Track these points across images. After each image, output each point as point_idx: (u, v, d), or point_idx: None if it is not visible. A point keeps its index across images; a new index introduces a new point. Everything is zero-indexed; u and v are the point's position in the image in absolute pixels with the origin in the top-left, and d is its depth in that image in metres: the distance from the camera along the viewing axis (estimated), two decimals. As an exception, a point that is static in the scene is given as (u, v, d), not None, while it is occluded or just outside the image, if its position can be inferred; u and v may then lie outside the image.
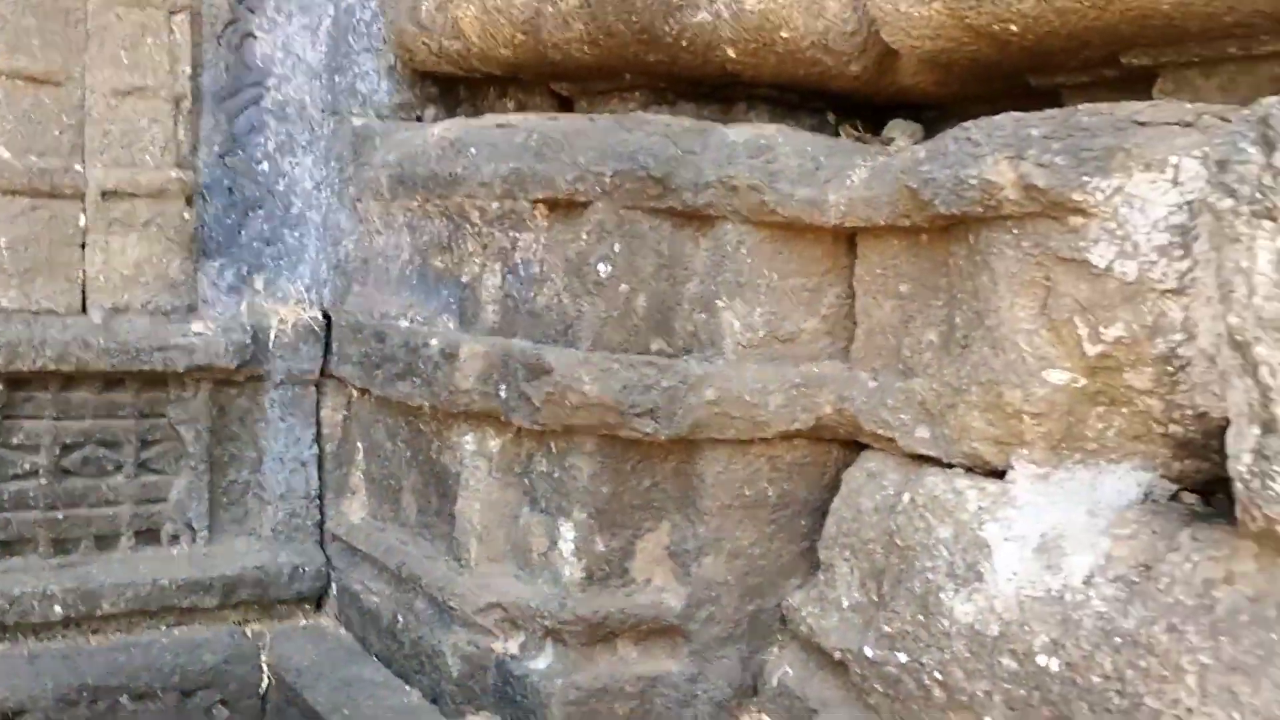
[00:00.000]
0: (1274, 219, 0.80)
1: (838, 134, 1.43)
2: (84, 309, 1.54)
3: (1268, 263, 0.81)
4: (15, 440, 1.50)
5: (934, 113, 1.47)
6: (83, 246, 1.53)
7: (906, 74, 1.34)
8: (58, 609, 1.49)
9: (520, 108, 1.59)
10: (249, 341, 1.60)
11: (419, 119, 1.69)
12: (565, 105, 1.57)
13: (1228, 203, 0.83)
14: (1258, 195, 0.80)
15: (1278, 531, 0.82)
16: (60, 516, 1.54)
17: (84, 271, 1.53)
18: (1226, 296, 0.85)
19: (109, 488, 1.55)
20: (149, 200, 1.56)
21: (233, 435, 1.65)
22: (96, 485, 1.55)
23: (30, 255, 1.50)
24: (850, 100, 1.45)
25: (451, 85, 1.68)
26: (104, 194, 1.53)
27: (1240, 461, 0.85)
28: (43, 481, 1.53)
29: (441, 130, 1.48)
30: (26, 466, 1.52)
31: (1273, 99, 0.82)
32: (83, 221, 1.52)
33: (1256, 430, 0.83)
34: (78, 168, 1.51)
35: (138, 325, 1.53)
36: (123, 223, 1.54)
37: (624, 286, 1.28)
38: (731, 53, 1.33)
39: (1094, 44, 1.08)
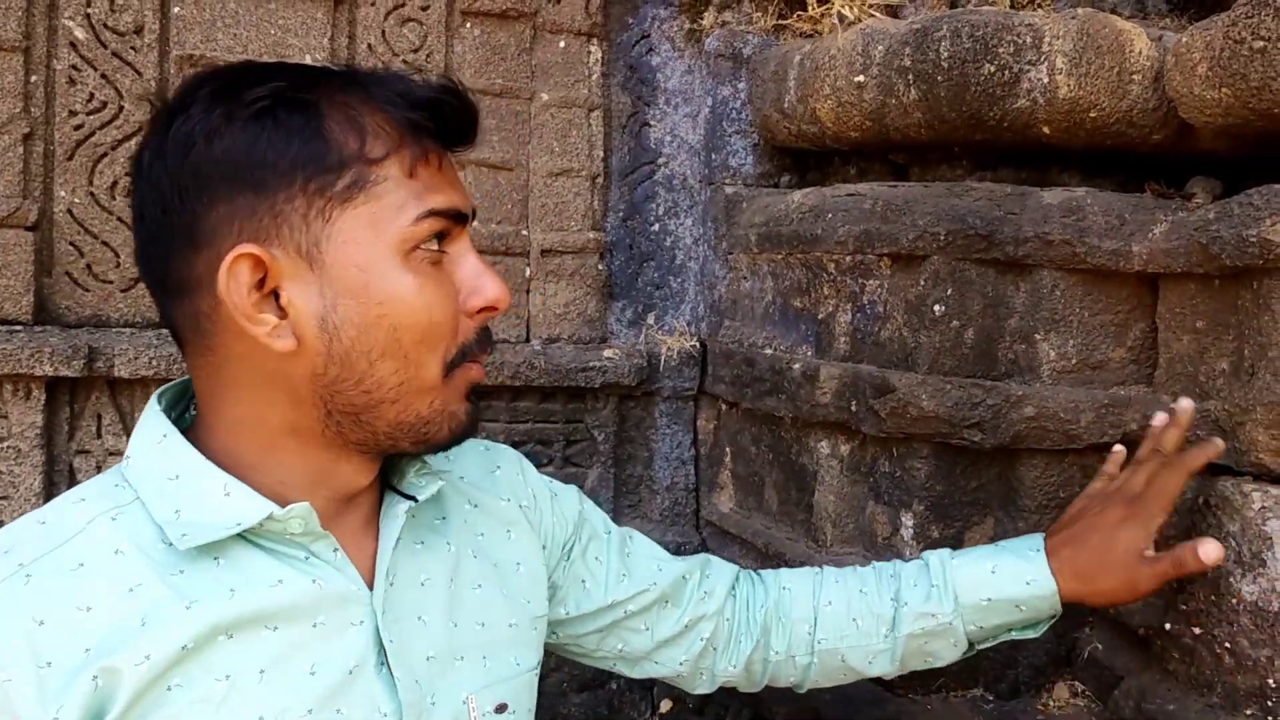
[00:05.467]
0: None
1: (1142, 189, 1.65)
2: (528, 339, 2.01)
3: None
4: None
5: (1232, 167, 1.62)
6: (527, 292, 2.01)
7: (1203, 141, 1.52)
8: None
9: (861, 174, 1.90)
10: (645, 364, 2.00)
11: (775, 185, 2.04)
12: (899, 171, 1.86)
13: None
14: None
15: None
16: (508, 497, 2.00)
17: (528, 311, 2.01)
18: None
19: (543, 477, 2.01)
20: (573, 256, 2.01)
21: (631, 439, 2.06)
22: (534, 474, 2.00)
23: (491, 300, 1.98)
24: (1153, 160, 1.65)
25: (803, 157, 2.01)
26: (543, 252, 1.99)
27: None
28: (498, 470, 1.98)
29: (801, 197, 1.83)
30: (486, 458, 1.98)
31: None
32: (528, 273, 2.00)
33: None
34: (524, 232, 1.99)
35: (566, 351, 1.98)
36: (555, 274, 2.00)
37: (955, 323, 1.57)
38: (1046, 130, 1.58)
39: (1366, 122, 1.27)
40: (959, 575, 1.25)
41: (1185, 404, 1.30)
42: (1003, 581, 1.23)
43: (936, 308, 1.56)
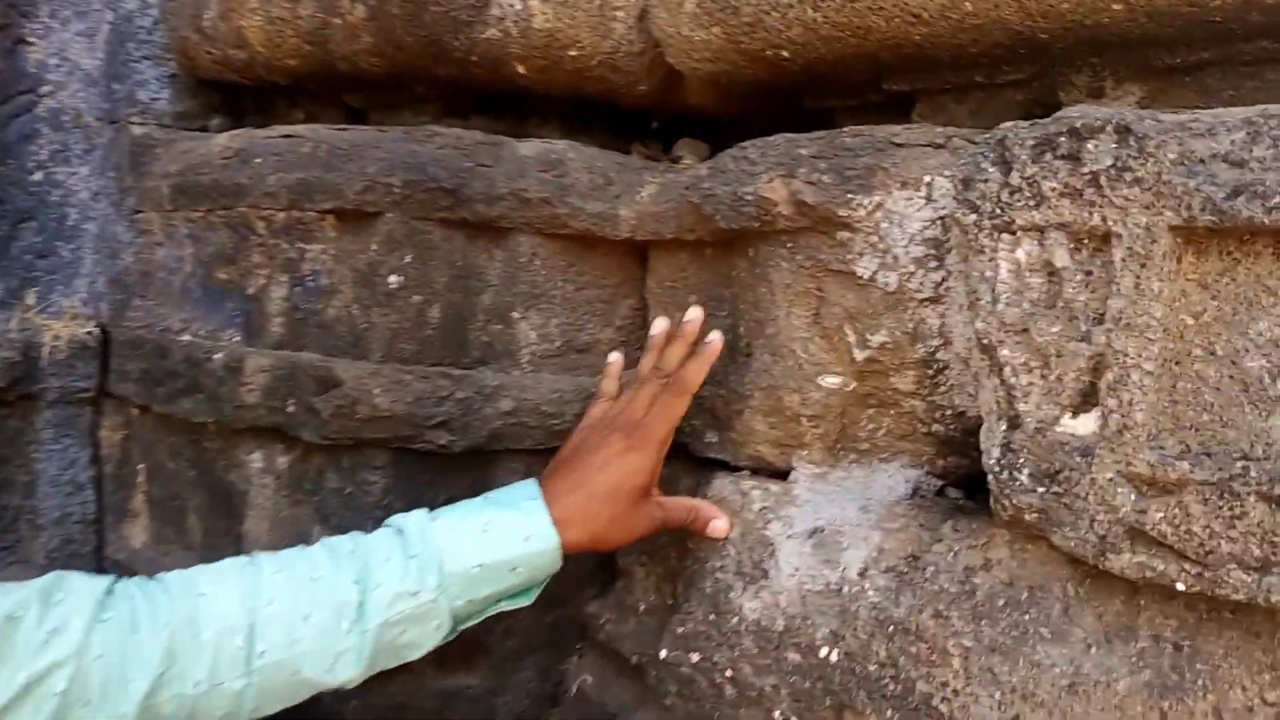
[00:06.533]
0: (1012, 232, 0.87)
1: (629, 151, 1.46)
2: None
3: (1008, 272, 0.88)
4: None
5: (723, 131, 1.51)
6: None
7: (692, 93, 1.36)
8: None
9: (310, 119, 1.54)
10: (20, 359, 1.50)
11: (204, 129, 1.62)
12: (358, 117, 1.53)
13: (972, 217, 0.89)
14: (997, 210, 0.87)
15: (1024, 519, 0.89)
16: None
17: None
18: (974, 304, 0.91)
19: None
20: (-99, 210, 1.46)
21: (3, 459, 1.54)
22: None
23: None
24: (642, 117, 1.48)
25: (238, 95, 1.61)
26: None
27: (991, 456, 0.91)
28: None
29: (226, 140, 1.43)
30: None
31: (1010, 124, 0.89)
32: None
33: (1004, 426, 0.90)
34: None
35: (-112, 343, 1.43)
36: None
37: (416, 298, 1.27)
38: (522, 69, 1.33)
39: (858, 70, 1.13)
40: (444, 540, 1.06)
41: (695, 313, 1.16)
42: (497, 541, 1.06)
43: (393, 279, 1.26)
